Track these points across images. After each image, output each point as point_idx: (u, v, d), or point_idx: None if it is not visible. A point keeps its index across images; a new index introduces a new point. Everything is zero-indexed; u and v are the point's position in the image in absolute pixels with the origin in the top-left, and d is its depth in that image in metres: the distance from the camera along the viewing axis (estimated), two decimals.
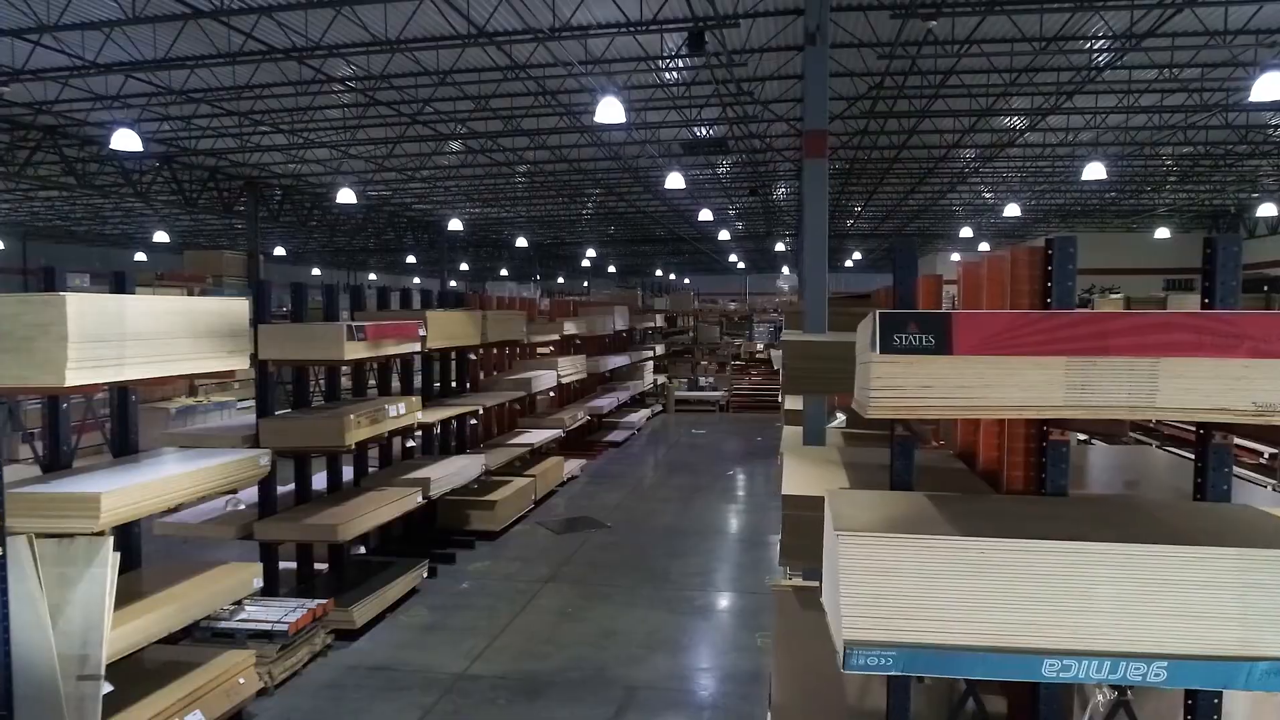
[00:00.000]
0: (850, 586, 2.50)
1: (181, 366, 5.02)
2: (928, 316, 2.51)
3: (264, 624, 6.23)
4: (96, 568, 4.35)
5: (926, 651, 2.47)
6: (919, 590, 2.49)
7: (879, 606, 2.49)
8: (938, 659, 2.48)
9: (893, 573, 2.50)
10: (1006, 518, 2.80)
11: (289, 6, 8.77)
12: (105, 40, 9.87)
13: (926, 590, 2.49)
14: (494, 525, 10.46)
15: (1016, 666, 2.47)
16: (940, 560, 2.49)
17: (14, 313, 4.16)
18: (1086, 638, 2.44)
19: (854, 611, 2.49)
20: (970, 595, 2.46)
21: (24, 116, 14.41)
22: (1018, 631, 2.46)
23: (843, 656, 2.48)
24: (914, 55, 10.51)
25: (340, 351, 6.98)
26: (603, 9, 9.47)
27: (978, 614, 2.46)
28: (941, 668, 2.50)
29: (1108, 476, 4.67)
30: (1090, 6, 9.06)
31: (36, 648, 4.22)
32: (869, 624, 2.49)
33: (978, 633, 2.46)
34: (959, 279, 4.84)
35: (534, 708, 5.97)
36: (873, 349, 2.51)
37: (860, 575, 2.50)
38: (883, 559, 2.51)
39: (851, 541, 2.50)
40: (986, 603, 2.47)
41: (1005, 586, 2.46)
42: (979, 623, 2.46)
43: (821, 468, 4.26)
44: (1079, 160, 18.48)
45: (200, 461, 5.26)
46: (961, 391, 2.52)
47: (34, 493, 4.42)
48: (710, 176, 21.99)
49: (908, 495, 3.17)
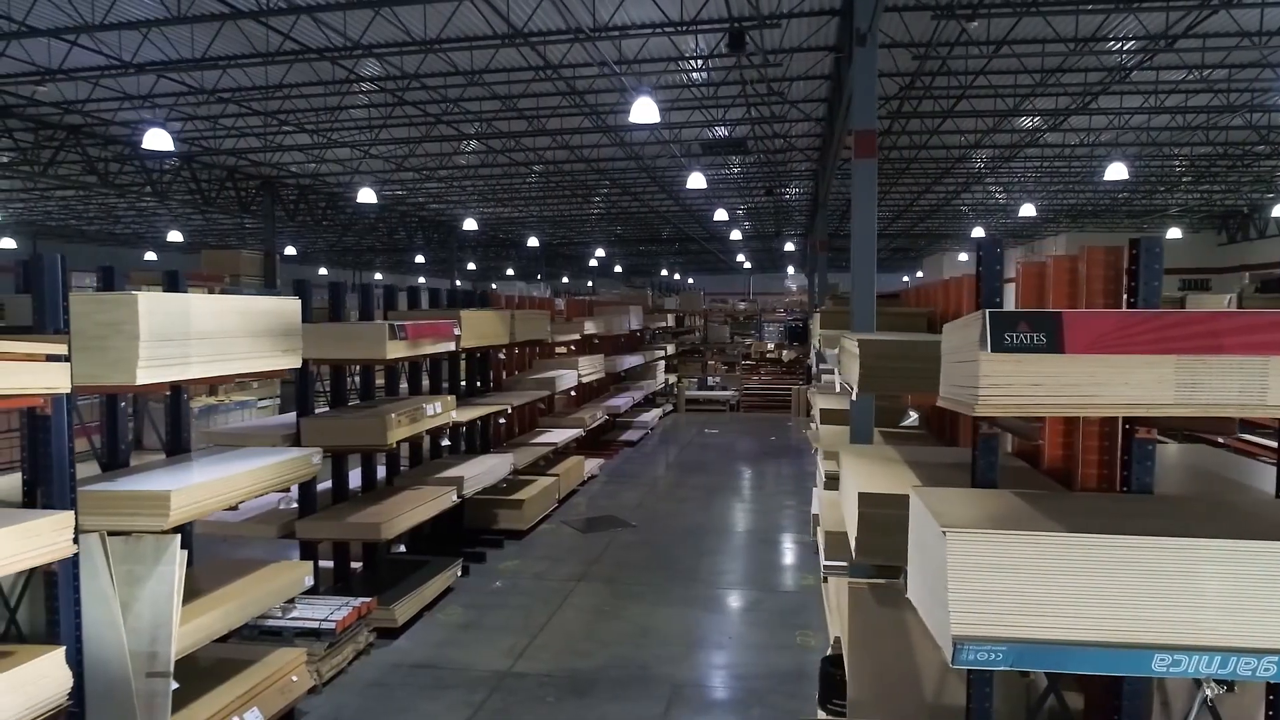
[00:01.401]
0: (958, 583, 2.52)
1: (240, 366, 5.04)
2: (1039, 315, 2.54)
3: (311, 622, 6.26)
4: (164, 565, 4.38)
5: (1035, 647, 2.50)
6: (1026, 586, 2.51)
7: (986, 602, 2.52)
8: (1047, 654, 2.50)
9: (1000, 569, 2.52)
10: (1105, 515, 2.82)
11: (330, 7, 8.79)
12: (142, 40, 9.90)
13: (1034, 586, 2.51)
14: (521, 524, 10.48)
15: (1126, 661, 2.49)
16: (1048, 556, 2.51)
17: (85, 311, 4.18)
18: (1195, 633, 2.46)
19: (962, 607, 2.52)
20: (1078, 591, 2.49)
21: (51, 116, 14.46)
22: (1126, 626, 2.49)
23: (951, 652, 2.51)
24: (945, 56, 10.52)
25: (383, 351, 7.01)
26: (642, 9, 9.49)
27: (1086, 609, 2.49)
28: (1050, 662, 2.52)
29: (1164, 474, 4.69)
30: (1128, 7, 9.08)
31: (108, 645, 4.25)
32: (976, 620, 2.52)
33: (1087, 628, 2.49)
34: (1017, 279, 4.84)
35: (583, 705, 5.99)
36: (982, 347, 2.53)
37: (968, 572, 2.53)
38: (990, 555, 2.53)
39: (959, 539, 2.53)
40: (1094, 598, 2.49)
41: (1113, 582, 2.49)
42: (1087, 618, 2.49)
43: (885, 466, 4.28)
44: (1096, 160, 18.50)
45: (258, 460, 5.29)
46: (1071, 390, 2.54)
47: (104, 490, 4.44)
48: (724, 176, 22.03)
49: (996, 493, 3.20)
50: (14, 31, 9.28)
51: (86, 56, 10.54)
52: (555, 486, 11.85)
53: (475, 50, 10.77)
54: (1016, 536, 2.52)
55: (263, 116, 13.92)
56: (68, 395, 4.04)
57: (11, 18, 9.02)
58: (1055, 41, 10.30)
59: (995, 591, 2.51)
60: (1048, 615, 2.50)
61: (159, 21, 8.99)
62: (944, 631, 2.58)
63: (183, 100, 13.14)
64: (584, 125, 14.78)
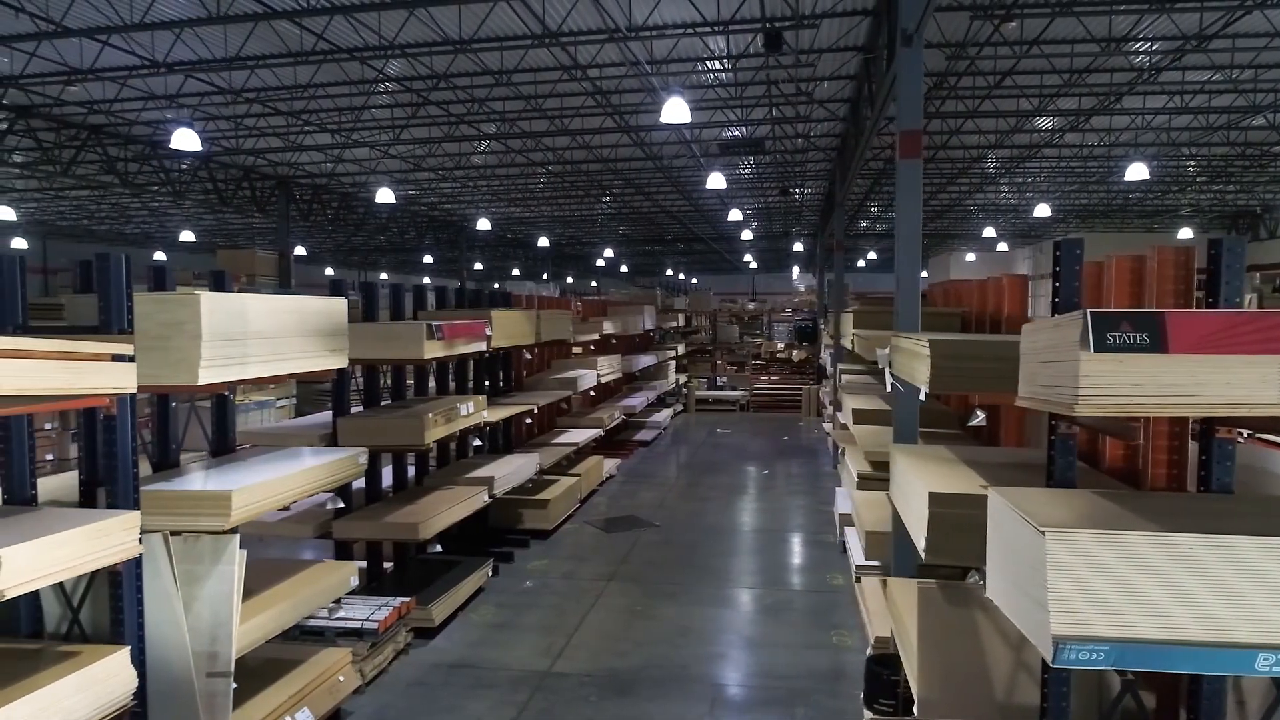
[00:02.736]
0: (1057, 583, 2.52)
1: (293, 365, 5.05)
2: (1142, 315, 2.54)
3: (354, 622, 6.26)
4: (224, 565, 4.38)
5: (1138, 646, 2.50)
6: (1127, 586, 2.52)
7: (1086, 602, 2.52)
8: (1149, 653, 2.51)
9: (1099, 568, 2.53)
10: (1195, 515, 2.82)
11: (367, 7, 8.79)
12: (175, 41, 9.91)
13: (1134, 586, 2.51)
14: (546, 524, 10.49)
15: (1230, 661, 2.49)
16: (1148, 556, 2.52)
17: (148, 312, 4.18)
18: None
19: (1062, 607, 2.52)
20: (1182, 590, 2.49)
21: (75, 116, 14.47)
22: (1228, 626, 2.49)
23: (1052, 652, 2.51)
24: (974, 56, 10.52)
25: (421, 351, 7.01)
26: (679, 10, 9.48)
27: (1187, 609, 2.49)
28: (1152, 662, 2.52)
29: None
30: (1162, 8, 9.07)
31: (171, 645, 4.26)
32: (1076, 619, 2.52)
33: (1190, 627, 2.49)
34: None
35: (626, 704, 6.00)
36: (1084, 347, 2.54)
37: (1067, 571, 2.53)
38: (1089, 555, 2.53)
39: (1059, 538, 2.53)
40: (1196, 597, 2.50)
41: (1215, 581, 2.49)
42: (1190, 617, 2.49)
43: (945, 466, 4.28)
44: (1113, 161, 18.48)
45: (308, 460, 5.29)
46: (1172, 390, 2.54)
47: (165, 490, 4.45)
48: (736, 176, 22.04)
49: (1077, 493, 3.20)
50: (50, 32, 9.29)
51: (118, 57, 10.54)
52: (577, 486, 11.86)
53: (505, 50, 10.78)
54: (1119, 536, 2.52)
55: (286, 116, 13.93)
56: (132, 396, 4.05)
57: (50, 18, 9.04)
58: (1086, 41, 10.29)
59: (1095, 591, 2.51)
60: (1149, 615, 2.50)
61: (196, 21, 8.99)
62: (1041, 631, 2.58)
63: (207, 100, 13.15)
64: (605, 125, 14.77)
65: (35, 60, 10.98)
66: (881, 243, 38.94)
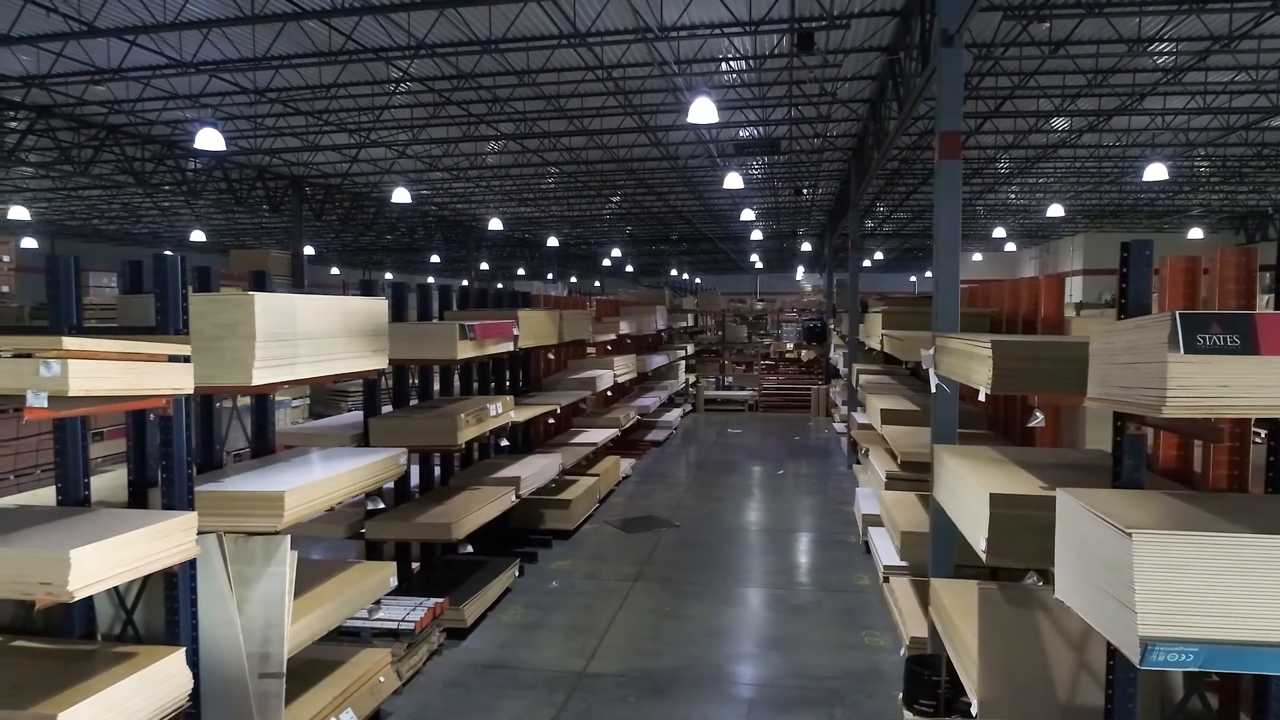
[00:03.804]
0: (1145, 585, 2.52)
1: (338, 366, 5.05)
2: (1231, 318, 2.54)
3: (390, 622, 6.26)
4: (275, 566, 4.39)
5: (1228, 648, 2.50)
6: (1212, 587, 2.52)
7: (1174, 604, 2.52)
8: (1240, 655, 2.51)
9: (1186, 570, 2.53)
10: (1275, 516, 2.82)
11: (398, 7, 8.79)
12: (203, 40, 9.92)
13: (1220, 587, 2.52)
14: (568, 524, 10.49)
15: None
16: (1235, 558, 2.52)
17: (202, 312, 4.19)
18: None
19: (1149, 609, 2.52)
20: (1267, 592, 2.49)
21: (95, 115, 14.49)
22: None
23: (1139, 654, 2.51)
24: (999, 56, 10.51)
25: (453, 351, 7.02)
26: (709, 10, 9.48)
27: (1276, 610, 2.49)
28: (1241, 663, 2.52)
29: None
30: (1193, 9, 9.07)
31: (225, 646, 4.26)
32: (1163, 621, 2.52)
33: (1278, 629, 2.49)
34: None
35: (664, 705, 6.00)
36: (1174, 349, 2.54)
37: (1154, 573, 2.53)
38: (1176, 557, 2.53)
39: (1146, 540, 2.53)
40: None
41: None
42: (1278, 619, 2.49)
43: (995, 467, 4.27)
44: (1128, 161, 18.45)
45: (352, 461, 5.30)
46: (1260, 391, 2.55)
47: (217, 491, 4.45)
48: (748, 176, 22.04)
49: (1149, 494, 3.20)
50: (80, 32, 9.30)
51: (145, 56, 10.55)
52: (596, 486, 11.86)
53: (532, 50, 10.78)
54: (1206, 538, 2.52)
55: (306, 116, 13.93)
56: (188, 397, 4.05)
57: (81, 19, 9.05)
58: (1113, 42, 10.28)
59: (1183, 593, 2.52)
60: (1236, 616, 2.50)
61: (227, 21, 8.98)
62: (1127, 633, 2.58)
63: (228, 100, 13.16)
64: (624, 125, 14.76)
65: (61, 60, 10.99)
66: (888, 243, 38.91)
